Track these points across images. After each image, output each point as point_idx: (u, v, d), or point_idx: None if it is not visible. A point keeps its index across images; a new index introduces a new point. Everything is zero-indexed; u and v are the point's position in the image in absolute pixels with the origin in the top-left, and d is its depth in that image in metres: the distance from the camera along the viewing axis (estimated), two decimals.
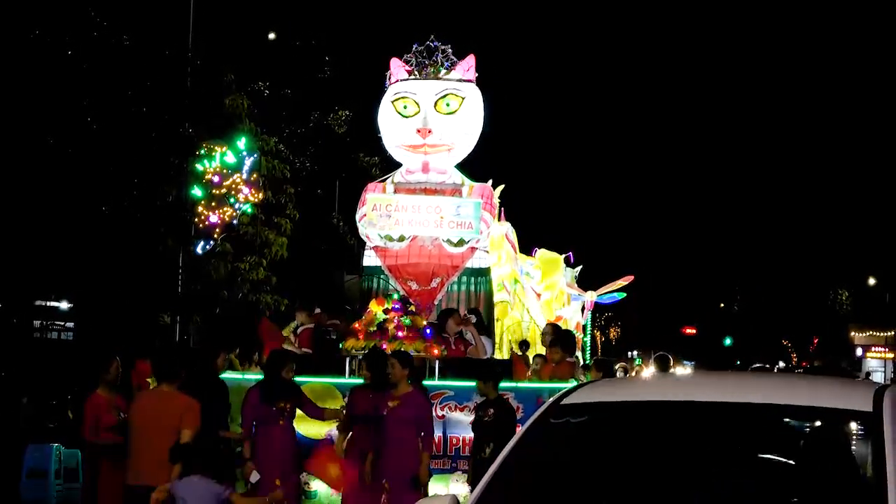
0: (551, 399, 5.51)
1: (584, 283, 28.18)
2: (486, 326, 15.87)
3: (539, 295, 22.52)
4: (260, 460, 10.84)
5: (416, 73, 17.46)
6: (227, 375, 12.21)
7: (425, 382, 12.20)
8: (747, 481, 5.08)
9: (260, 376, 12.11)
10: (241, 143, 22.36)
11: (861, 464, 5.08)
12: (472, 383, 12.17)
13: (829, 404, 4.95)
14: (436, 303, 16.48)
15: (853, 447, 5.30)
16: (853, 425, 5.09)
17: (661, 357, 16.94)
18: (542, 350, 16.39)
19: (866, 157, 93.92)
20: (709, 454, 5.32)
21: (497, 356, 16.30)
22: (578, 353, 19.38)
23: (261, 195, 22.93)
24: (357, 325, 13.90)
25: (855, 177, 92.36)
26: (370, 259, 17.15)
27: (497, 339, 18.15)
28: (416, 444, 10.94)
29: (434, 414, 11.84)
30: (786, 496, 5.05)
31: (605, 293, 29.05)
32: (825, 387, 5.67)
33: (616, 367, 17.40)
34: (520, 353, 17.87)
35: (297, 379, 11.58)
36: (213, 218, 21.84)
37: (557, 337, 14.52)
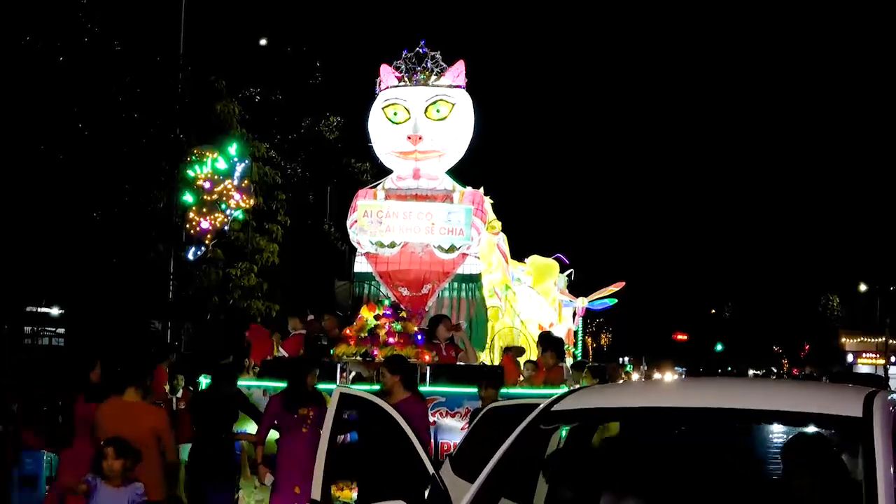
0: (541, 405, 5.50)
1: (576, 289, 28.16)
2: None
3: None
4: (282, 468, 10.64)
5: (406, 79, 17.46)
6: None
7: None
8: (736, 487, 5.07)
9: (249, 382, 12.09)
10: (233, 149, 22.34)
11: (851, 470, 5.08)
12: (463, 389, 12.14)
13: (818, 410, 4.94)
14: (427, 309, 16.46)
15: (843, 453, 5.31)
16: (844, 431, 5.08)
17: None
18: (534, 356, 16.36)
19: (858, 166, 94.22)
20: (697, 460, 5.32)
21: (487, 361, 16.29)
22: (569, 359, 19.35)
23: (252, 201, 22.92)
24: (348, 331, 13.89)
25: (846, 184, 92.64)
26: (361, 265, 17.13)
27: (488, 345, 18.13)
28: None
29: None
30: (775, 502, 5.04)
31: (597, 299, 29.00)
32: (815, 392, 5.66)
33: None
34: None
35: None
36: (205, 224, 21.81)
37: (550, 342, 14.56)
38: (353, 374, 13.41)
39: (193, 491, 11.58)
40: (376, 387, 11.55)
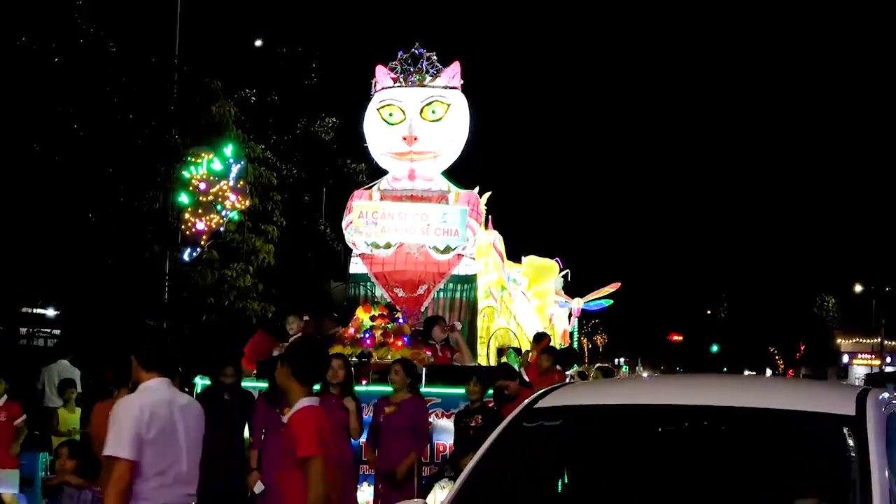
0: (524, 402, 5.46)
1: (572, 290, 28.14)
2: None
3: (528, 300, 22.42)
4: (266, 468, 10.47)
5: (401, 80, 17.46)
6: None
7: None
8: (722, 485, 5.04)
9: (247, 383, 12.11)
10: (228, 149, 22.32)
11: (844, 468, 5.07)
12: (459, 390, 12.13)
13: (811, 408, 4.93)
14: (422, 310, 16.45)
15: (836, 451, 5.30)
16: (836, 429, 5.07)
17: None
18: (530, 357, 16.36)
19: (853, 166, 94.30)
20: (683, 458, 5.26)
21: (483, 363, 16.28)
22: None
23: (247, 202, 22.90)
24: (344, 332, 13.89)
25: (841, 185, 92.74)
26: (357, 266, 17.12)
27: (484, 346, 18.11)
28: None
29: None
30: (766, 500, 5.03)
31: (592, 300, 28.96)
32: (807, 390, 5.65)
33: (573, 371, 17.36)
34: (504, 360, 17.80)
35: None
36: (200, 225, 21.81)
37: (548, 345, 14.60)
38: None
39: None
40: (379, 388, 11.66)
